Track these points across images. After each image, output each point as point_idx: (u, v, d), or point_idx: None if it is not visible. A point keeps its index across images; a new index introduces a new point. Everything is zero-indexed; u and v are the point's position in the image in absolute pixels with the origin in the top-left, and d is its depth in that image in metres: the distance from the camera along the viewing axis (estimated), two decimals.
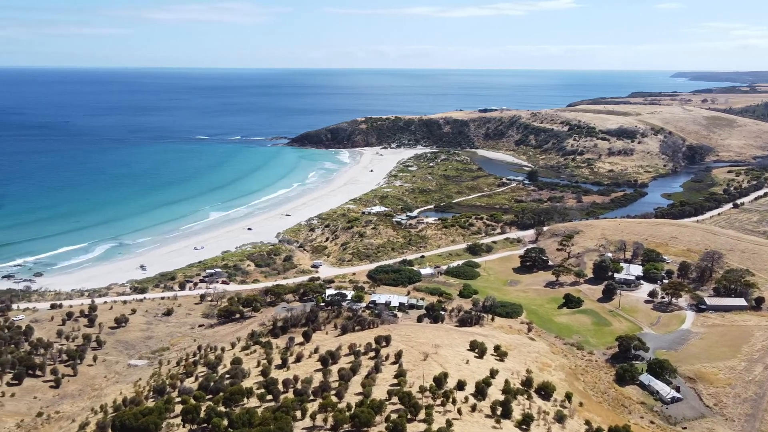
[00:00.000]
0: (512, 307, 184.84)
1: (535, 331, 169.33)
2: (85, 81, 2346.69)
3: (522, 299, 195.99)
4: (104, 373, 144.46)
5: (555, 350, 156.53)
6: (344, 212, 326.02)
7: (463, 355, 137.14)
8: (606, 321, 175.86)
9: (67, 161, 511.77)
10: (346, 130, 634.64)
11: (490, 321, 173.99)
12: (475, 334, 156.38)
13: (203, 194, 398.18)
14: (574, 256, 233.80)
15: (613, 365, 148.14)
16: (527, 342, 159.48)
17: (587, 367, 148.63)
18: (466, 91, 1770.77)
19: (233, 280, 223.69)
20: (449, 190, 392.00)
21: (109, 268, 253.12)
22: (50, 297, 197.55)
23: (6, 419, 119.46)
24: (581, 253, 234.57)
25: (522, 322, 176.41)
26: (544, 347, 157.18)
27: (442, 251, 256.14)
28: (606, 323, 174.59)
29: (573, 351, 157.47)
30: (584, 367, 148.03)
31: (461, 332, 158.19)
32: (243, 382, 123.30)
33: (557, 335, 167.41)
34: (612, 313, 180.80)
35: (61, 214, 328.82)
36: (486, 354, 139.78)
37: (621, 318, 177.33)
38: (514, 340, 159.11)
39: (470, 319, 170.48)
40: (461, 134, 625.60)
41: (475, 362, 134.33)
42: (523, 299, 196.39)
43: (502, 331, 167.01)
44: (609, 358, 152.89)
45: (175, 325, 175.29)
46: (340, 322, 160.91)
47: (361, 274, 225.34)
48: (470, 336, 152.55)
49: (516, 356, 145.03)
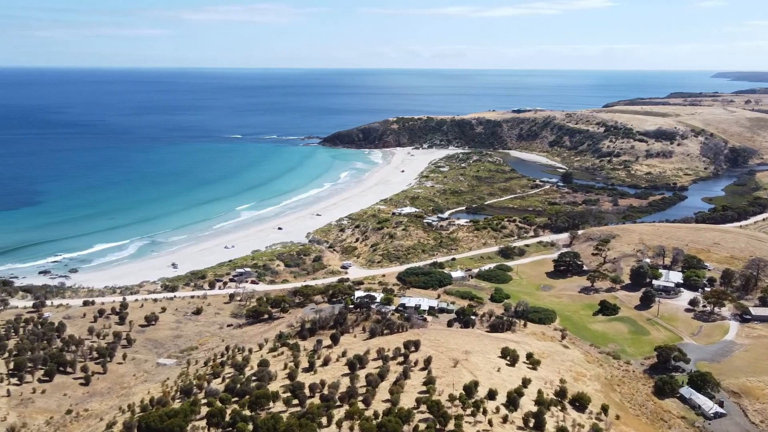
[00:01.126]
0: (545, 313, 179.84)
1: (569, 339, 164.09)
2: (122, 81, 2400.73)
3: (555, 305, 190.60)
4: (133, 371, 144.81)
5: (590, 359, 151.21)
6: (375, 213, 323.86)
7: (494, 363, 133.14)
8: (644, 330, 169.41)
9: (104, 159, 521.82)
10: (378, 130, 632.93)
11: (522, 327, 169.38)
12: (506, 340, 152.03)
13: (236, 193, 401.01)
14: (610, 261, 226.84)
15: (652, 376, 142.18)
16: (561, 350, 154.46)
17: (624, 377, 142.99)
18: (500, 91, 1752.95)
19: (262, 280, 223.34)
20: (481, 192, 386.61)
21: (141, 265, 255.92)
22: (83, 294, 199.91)
23: (36, 416, 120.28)
24: (618, 258, 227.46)
25: (555, 329, 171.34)
26: (579, 356, 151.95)
27: (473, 254, 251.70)
28: (644, 332, 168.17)
29: (609, 360, 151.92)
30: (621, 378, 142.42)
31: (492, 338, 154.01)
32: (269, 385, 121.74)
33: (592, 343, 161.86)
34: (650, 322, 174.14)
35: (98, 212, 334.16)
36: (518, 362, 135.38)
37: (660, 327, 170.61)
38: (547, 347, 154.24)
39: (502, 324, 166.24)
40: (494, 135, 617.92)
41: (506, 370, 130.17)
42: (557, 305, 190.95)
43: (535, 337, 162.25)
44: (647, 368, 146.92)
45: (203, 325, 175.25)
46: (369, 326, 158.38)
47: (390, 276, 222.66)
48: (502, 342, 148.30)
49: (549, 365, 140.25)
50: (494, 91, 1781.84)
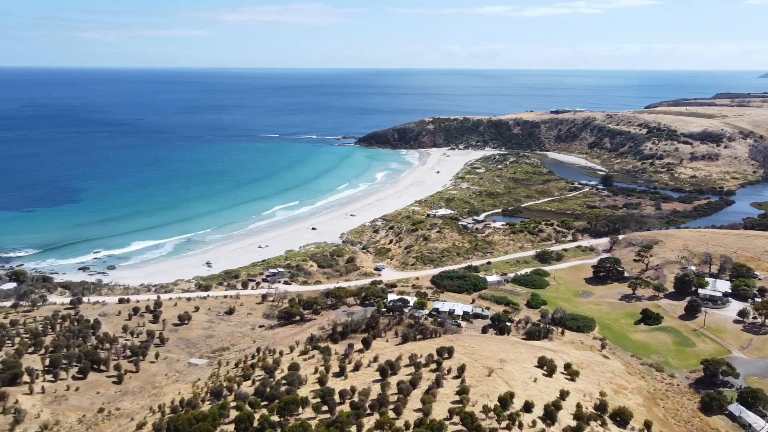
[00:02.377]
0: (584, 321, 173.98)
1: (609, 348, 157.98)
2: (161, 81, 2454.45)
3: (595, 312, 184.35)
4: (165, 371, 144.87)
5: (631, 371, 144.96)
6: (409, 214, 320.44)
7: (530, 373, 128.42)
8: (689, 341, 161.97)
9: (144, 158, 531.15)
10: (414, 130, 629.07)
11: (559, 335, 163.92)
12: (543, 349, 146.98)
13: (271, 192, 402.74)
14: (653, 268, 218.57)
15: (698, 391, 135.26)
16: (600, 360, 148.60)
17: (668, 391, 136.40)
18: (538, 91, 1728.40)
19: (295, 281, 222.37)
20: (518, 194, 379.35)
21: (177, 263, 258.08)
22: (119, 291, 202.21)
23: (69, 414, 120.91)
24: (661, 265, 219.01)
25: (594, 338, 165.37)
26: (619, 367, 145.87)
27: (509, 258, 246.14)
28: (689, 343, 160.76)
29: (651, 372, 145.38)
30: (664, 392, 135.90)
31: (529, 346, 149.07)
32: (299, 389, 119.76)
33: (634, 354, 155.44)
34: (696, 333, 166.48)
35: (137, 211, 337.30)
36: (555, 372, 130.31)
37: (706, 338, 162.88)
38: (586, 357, 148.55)
39: (538, 332, 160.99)
40: (531, 136, 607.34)
41: (543, 381, 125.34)
42: (596, 312, 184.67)
43: (573, 346, 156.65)
44: (693, 382, 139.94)
45: (235, 325, 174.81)
46: (401, 330, 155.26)
47: (424, 279, 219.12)
48: (538, 351, 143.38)
49: (588, 376, 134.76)
50: (532, 91, 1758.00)
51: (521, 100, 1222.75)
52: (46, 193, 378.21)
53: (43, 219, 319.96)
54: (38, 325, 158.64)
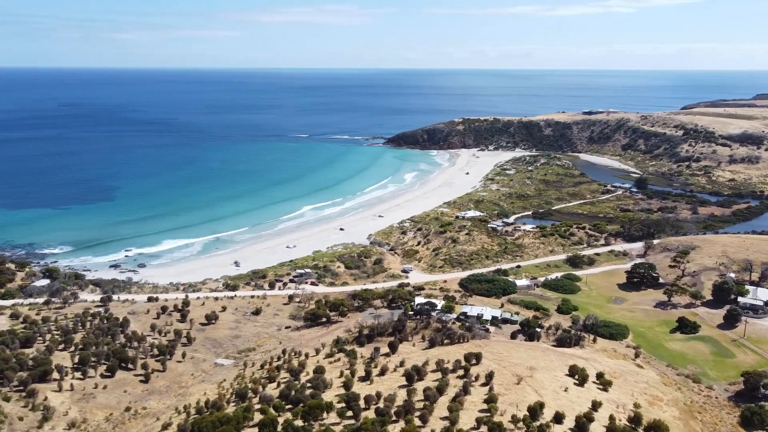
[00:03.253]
0: (617, 328, 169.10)
1: (643, 358, 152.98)
2: (196, 81, 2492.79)
3: (628, 320, 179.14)
4: (191, 370, 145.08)
5: (666, 381, 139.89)
6: (437, 216, 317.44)
7: (561, 382, 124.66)
8: (728, 352, 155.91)
9: (178, 156, 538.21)
10: (443, 131, 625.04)
11: (591, 342, 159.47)
12: (574, 356, 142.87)
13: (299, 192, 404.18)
14: (690, 274, 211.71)
15: (738, 405, 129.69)
16: (634, 369, 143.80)
17: (705, 404, 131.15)
18: (570, 92, 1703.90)
19: (322, 282, 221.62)
20: (549, 196, 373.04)
21: (206, 262, 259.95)
22: (148, 290, 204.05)
23: (96, 412, 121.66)
24: (698, 271, 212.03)
25: (628, 346, 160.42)
26: (654, 377, 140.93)
27: (539, 261, 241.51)
28: (728, 354, 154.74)
29: (688, 384, 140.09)
30: (702, 404, 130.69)
31: (559, 354, 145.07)
32: (324, 393, 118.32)
33: (669, 364, 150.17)
34: (735, 343, 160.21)
35: (169, 211, 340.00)
36: (587, 381, 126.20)
37: (746, 349, 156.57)
38: (619, 366, 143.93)
39: (569, 339, 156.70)
40: (563, 137, 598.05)
41: (574, 391, 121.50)
42: (630, 320, 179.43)
43: (605, 354, 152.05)
44: (732, 395, 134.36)
45: (262, 326, 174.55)
46: (428, 334, 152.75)
47: (452, 282, 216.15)
48: (569, 359, 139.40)
49: (622, 386, 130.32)
50: (564, 92, 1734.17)
51: (553, 101, 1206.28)
52: (81, 191, 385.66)
53: (77, 216, 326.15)
54: (69, 323, 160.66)
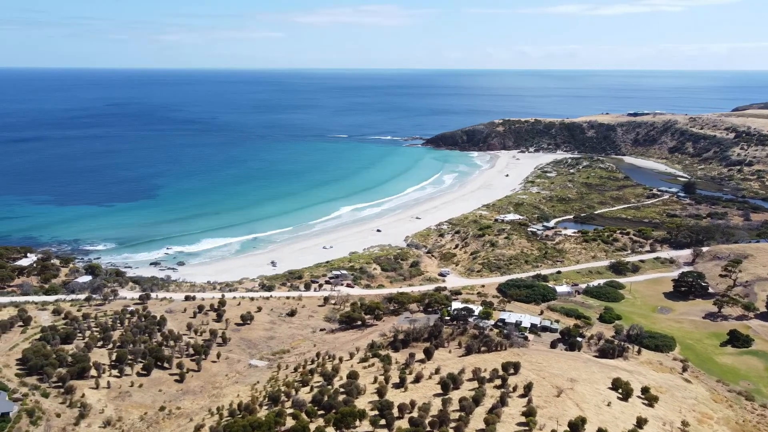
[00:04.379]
0: (663, 340, 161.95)
1: (692, 372, 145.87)
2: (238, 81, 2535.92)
3: (675, 331, 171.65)
4: (226, 371, 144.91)
5: (717, 398, 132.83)
6: (476, 218, 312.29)
7: (603, 395, 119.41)
8: None
9: (217, 156, 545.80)
10: (483, 132, 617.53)
11: (635, 354, 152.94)
12: (618, 369, 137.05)
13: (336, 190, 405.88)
14: (742, 284, 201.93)
15: None
16: (681, 384, 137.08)
17: (759, 423, 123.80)
18: (615, 93, 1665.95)
19: (358, 284, 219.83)
20: (591, 200, 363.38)
21: (243, 261, 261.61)
22: (186, 288, 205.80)
23: (131, 410, 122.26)
24: (751, 281, 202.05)
25: (675, 359, 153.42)
26: (704, 393, 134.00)
27: (580, 267, 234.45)
28: None
29: (740, 401, 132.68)
30: (755, 424, 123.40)
31: (602, 365, 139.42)
32: (357, 399, 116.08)
33: (719, 379, 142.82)
34: None
35: (210, 211, 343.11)
36: (632, 396, 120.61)
37: None
38: (666, 380, 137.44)
39: (612, 349, 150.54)
40: (606, 139, 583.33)
41: (618, 405, 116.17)
42: (676, 331, 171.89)
43: (651, 367, 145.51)
44: None
45: (297, 327, 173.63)
46: (465, 341, 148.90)
47: (490, 286, 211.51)
48: (612, 371, 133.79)
49: (668, 402, 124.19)
50: (608, 92, 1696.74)
51: (596, 102, 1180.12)
52: (125, 190, 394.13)
53: (121, 214, 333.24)
54: (108, 320, 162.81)
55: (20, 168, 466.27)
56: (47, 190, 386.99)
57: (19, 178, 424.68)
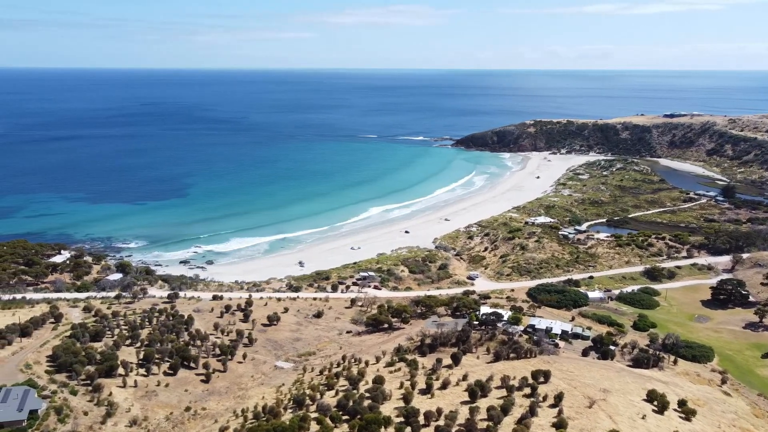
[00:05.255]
0: (700, 350, 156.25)
1: (731, 384, 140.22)
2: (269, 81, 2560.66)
3: (713, 341, 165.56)
4: (251, 372, 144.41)
5: (758, 413, 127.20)
6: (506, 221, 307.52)
7: (638, 407, 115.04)
8: None
9: (247, 155, 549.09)
10: (513, 133, 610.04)
11: (671, 364, 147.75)
12: (653, 380, 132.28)
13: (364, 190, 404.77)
14: None
15: None
16: (721, 397, 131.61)
17: None
18: (650, 94, 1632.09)
19: (385, 286, 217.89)
20: (625, 203, 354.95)
21: (271, 261, 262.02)
22: (214, 287, 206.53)
23: (157, 410, 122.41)
24: None
25: (713, 370, 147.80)
26: (744, 407, 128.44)
27: (613, 273, 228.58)
28: None
29: None
30: None
31: (636, 375, 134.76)
32: (382, 405, 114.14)
33: (761, 393, 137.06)
34: None
35: (240, 211, 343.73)
36: (667, 409, 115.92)
37: None
38: (704, 393, 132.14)
39: (647, 359, 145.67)
40: (641, 141, 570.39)
41: (653, 419, 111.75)
42: (715, 341, 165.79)
43: (688, 379, 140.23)
44: None
45: (323, 329, 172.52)
46: (494, 347, 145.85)
47: (519, 291, 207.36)
48: (647, 382, 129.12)
49: (707, 416, 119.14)
50: (643, 93, 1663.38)
51: (631, 103, 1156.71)
52: (157, 188, 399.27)
53: (153, 213, 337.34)
54: (137, 318, 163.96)
55: (56, 166, 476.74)
56: (82, 188, 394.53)
57: (55, 176, 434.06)
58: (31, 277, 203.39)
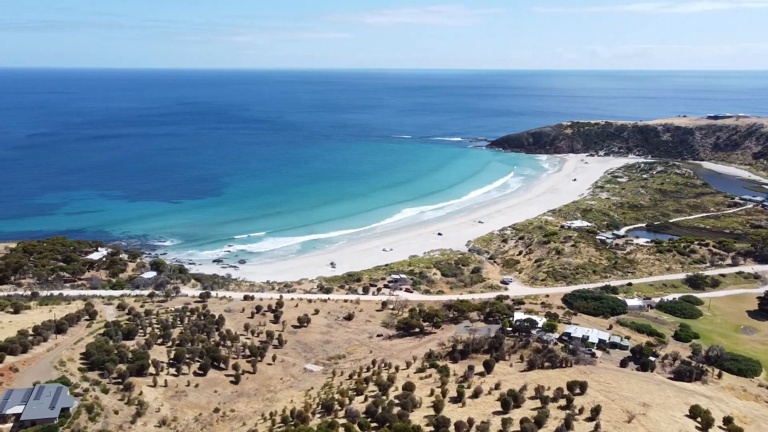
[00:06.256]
0: (747, 363, 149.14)
1: None
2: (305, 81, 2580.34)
3: (761, 354, 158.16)
4: (281, 374, 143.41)
5: None
6: (541, 224, 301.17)
7: (680, 424, 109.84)
8: None
9: (282, 155, 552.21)
10: (550, 134, 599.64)
11: (715, 377, 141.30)
12: (696, 394, 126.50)
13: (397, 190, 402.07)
14: None
15: None
16: None
17: None
18: (692, 94, 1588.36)
19: (417, 289, 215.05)
20: (665, 208, 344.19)
21: (303, 261, 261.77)
22: (245, 287, 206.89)
23: (186, 411, 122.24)
24: None
25: (761, 385, 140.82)
26: None
27: (653, 280, 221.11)
28: None
29: None
30: None
31: (677, 389, 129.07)
32: (412, 413, 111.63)
33: None
34: None
35: (274, 211, 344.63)
36: (712, 426, 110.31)
37: None
38: (751, 409, 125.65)
39: (690, 372, 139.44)
40: (683, 143, 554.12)
41: None
42: (763, 354, 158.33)
43: (733, 394, 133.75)
44: None
45: (353, 332, 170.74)
46: (527, 355, 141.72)
47: (554, 297, 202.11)
48: (689, 396, 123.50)
49: None
50: (685, 94, 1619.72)
51: (672, 104, 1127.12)
52: (194, 187, 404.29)
53: (188, 211, 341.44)
54: (169, 317, 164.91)
55: (98, 164, 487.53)
56: (122, 186, 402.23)
57: (96, 174, 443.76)
58: (69, 273, 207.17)
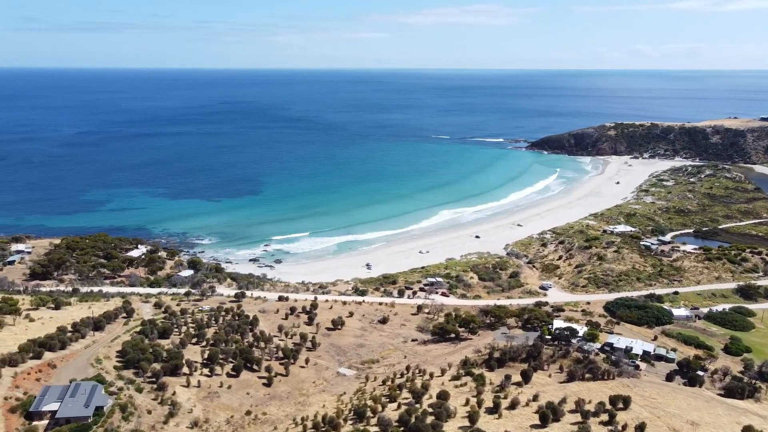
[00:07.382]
0: None
1: None
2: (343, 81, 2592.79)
3: None
4: (313, 378, 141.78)
5: None
6: (582, 228, 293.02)
7: None
8: None
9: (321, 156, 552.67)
10: (592, 135, 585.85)
11: None
12: (748, 413, 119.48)
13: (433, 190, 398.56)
14: None
15: None
16: None
17: None
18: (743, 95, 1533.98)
19: (453, 293, 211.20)
20: (714, 213, 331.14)
21: (338, 262, 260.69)
22: (280, 288, 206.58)
23: (219, 412, 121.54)
24: None
25: None
26: None
27: (701, 289, 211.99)
28: None
29: None
30: None
31: (728, 406, 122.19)
32: (446, 423, 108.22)
33: None
34: None
35: (313, 212, 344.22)
36: None
37: None
38: None
39: (741, 388, 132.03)
40: (733, 146, 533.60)
41: None
42: None
43: None
44: None
45: (388, 336, 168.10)
46: (567, 365, 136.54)
47: (596, 304, 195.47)
48: (741, 415, 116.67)
49: None
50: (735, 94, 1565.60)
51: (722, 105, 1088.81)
52: (233, 187, 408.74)
53: (227, 210, 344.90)
54: (204, 316, 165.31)
55: (142, 162, 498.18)
56: (164, 184, 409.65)
57: (140, 172, 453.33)
58: (109, 270, 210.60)
